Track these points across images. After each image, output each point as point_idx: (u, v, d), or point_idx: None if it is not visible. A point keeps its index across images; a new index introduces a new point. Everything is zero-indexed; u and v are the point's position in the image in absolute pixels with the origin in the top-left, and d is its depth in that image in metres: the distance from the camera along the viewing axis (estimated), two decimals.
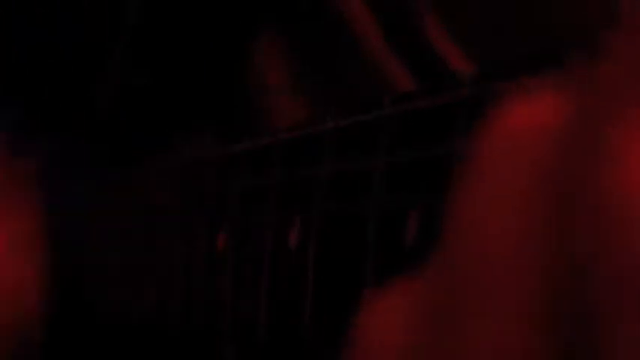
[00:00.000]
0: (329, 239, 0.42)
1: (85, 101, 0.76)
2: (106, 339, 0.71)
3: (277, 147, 0.47)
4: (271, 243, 0.46)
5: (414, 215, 0.36)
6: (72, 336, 0.74)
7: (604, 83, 0.20)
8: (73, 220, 0.74)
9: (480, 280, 0.22)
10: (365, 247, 0.39)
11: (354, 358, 0.25)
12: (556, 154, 0.21)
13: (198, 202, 0.55)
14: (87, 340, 0.73)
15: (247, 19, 0.69)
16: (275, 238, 0.46)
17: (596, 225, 0.19)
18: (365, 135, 0.40)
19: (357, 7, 0.63)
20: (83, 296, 0.71)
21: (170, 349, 0.62)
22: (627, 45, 0.20)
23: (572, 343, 0.20)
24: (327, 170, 0.42)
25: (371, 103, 0.40)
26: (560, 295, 0.20)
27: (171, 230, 0.58)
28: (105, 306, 0.68)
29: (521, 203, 0.21)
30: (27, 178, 0.73)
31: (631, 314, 0.18)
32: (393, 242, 0.37)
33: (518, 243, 0.21)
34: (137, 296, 0.62)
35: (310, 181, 0.43)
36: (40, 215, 0.72)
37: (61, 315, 0.73)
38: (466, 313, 0.22)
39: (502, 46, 0.54)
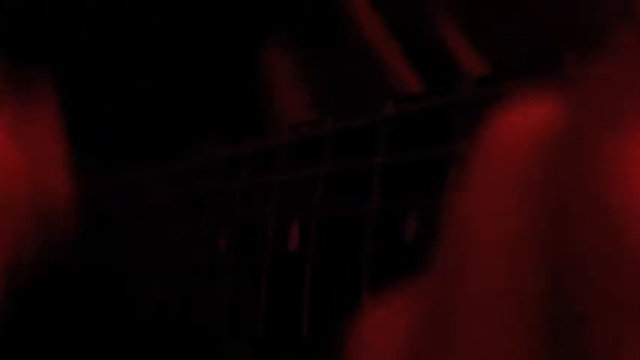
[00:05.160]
0: (328, 241, 0.42)
1: (90, 106, 0.76)
2: (108, 338, 0.71)
3: (278, 149, 0.47)
4: (271, 245, 0.46)
5: (414, 217, 0.36)
6: (74, 334, 0.74)
7: (604, 86, 0.20)
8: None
9: (477, 283, 0.22)
10: (364, 249, 0.39)
11: None
12: (552, 156, 0.21)
13: (201, 202, 0.55)
14: (89, 339, 0.73)
15: (255, 23, 0.69)
16: (275, 239, 0.46)
17: (590, 227, 0.19)
18: (365, 136, 0.40)
19: (366, 9, 0.63)
20: (87, 296, 0.71)
21: (171, 349, 0.62)
22: (632, 47, 0.20)
23: (564, 345, 0.20)
24: (327, 172, 0.42)
25: (371, 104, 0.40)
26: (555, 296, 0.20)
27: (174, 231, 0.58)
28: (106, 305, 0.69)
29: (517, 206, 0.21)
30: None
31: (622, 316, 0.18)
32: (392, 244, 0.37)
33: (514, 245, 0.21)
34: (139, 296, 0.62)
35: (310, 183, 0.43)
36: None
37: (64, 314, 0.73)
38: (465, 317, 0.22)
39: (516, 47, 0.53)
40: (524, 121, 0.22)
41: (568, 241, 0.20)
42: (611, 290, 0.18)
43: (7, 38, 0.74)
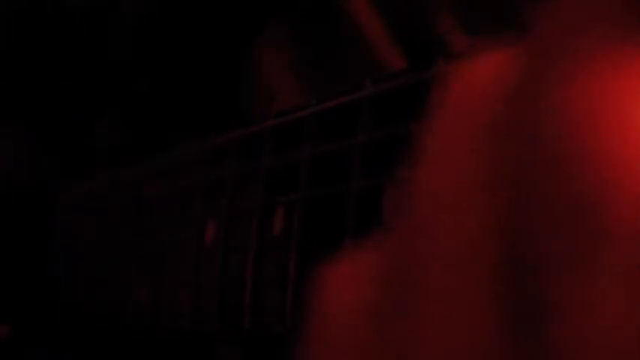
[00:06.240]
0: (312, 223, 0.42)
1: (88, 105, 0.77)
2: (98, 336, 0.71)
3: (263, 134, 0.47)
4: (257, 230, 0.46)
5: (392, 194, 0.37)
6: (63, 334, 0.74)
7: (557, 34, 0.21)
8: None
9: (432, 249, 0.22)
10: (346, 227, 0.39)
11: (313, 320, 0.25)
12: (507, 107, 0.21)
13: (189, 192, 0.55)
14: (77, 338, 0.73)
15: (251, 15, 0.69)
16: (260, 224, 0.46)
17: (545, 175, 0.19)
18: (346, 116, 0.40)
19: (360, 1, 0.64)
20: (74, 294, 0.71)
21: (161, 342, 0.62)
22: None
23: (521, 299, 0.20)
24: (309, 154, 0.43)
25: (352, 85, 0.40)
26: (511, 249, 0.20)
27: (163, 223, 0.58)
28: (95, 303, 0.69)
29: (472, 160, 0.22)
30: None
31: (575, 263, 0.19)
32: (373, 221, 0.38)
33: (469, 198, 0.21)
34: (128, 292, 0.62)
35: (293, 166, 0.44)
36: None
37: (55, 314, 0.74)
38: (421, 277, 0.22)
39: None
40: (478, 74, 0.22)
41: (523, 191, 0.20)
42: (566, 236, 0.19)
43: None
